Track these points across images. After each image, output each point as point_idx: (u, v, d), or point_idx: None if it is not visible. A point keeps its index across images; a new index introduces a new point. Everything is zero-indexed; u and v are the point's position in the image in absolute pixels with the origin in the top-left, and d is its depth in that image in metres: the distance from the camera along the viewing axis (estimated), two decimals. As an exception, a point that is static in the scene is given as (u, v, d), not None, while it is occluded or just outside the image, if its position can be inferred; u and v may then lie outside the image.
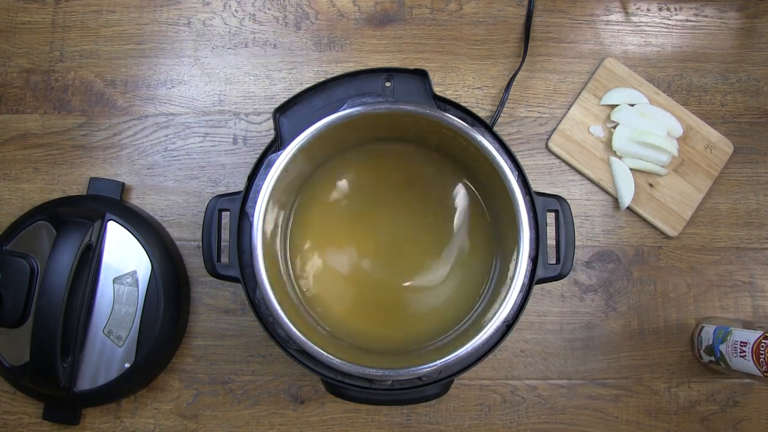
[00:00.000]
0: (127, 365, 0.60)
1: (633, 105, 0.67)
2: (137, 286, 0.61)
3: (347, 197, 0.59)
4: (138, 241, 0.61)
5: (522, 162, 0.53)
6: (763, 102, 0.69)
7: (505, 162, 0.51)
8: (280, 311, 0.49)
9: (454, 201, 0.59)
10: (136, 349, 0.60)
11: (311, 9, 0.70)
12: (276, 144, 0.53)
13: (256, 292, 0.51)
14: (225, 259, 0.52)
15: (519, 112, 0.68)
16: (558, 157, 0.68)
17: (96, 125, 0.68)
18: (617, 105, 0.67)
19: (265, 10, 0.69)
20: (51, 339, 0.56)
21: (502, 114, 0.68)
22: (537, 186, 0.65)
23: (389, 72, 0.54)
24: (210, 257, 0.52)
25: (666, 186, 0.67)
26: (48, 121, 0.68)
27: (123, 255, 0.61)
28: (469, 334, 0.51)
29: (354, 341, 0.55)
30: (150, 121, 0.68)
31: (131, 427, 0.64)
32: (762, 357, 0.56)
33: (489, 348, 0.52)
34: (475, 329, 0.51)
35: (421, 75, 0.54)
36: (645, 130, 0.66)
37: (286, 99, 0.53)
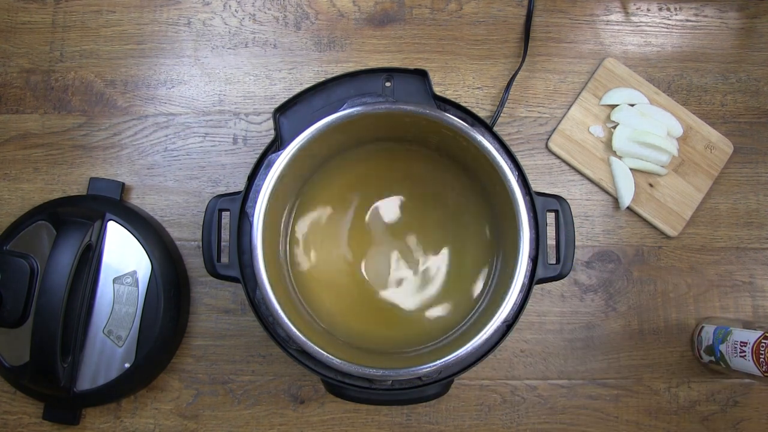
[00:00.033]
0: (127, 365, 0.60)
1: (633, 105, 0.67)
2: (137, 286, 0.61)
3: (347, 198, 0.59)
4: (138, 241, 0.61)
5: (522, 162, 0.53)
6: (763, 102, 0.69)
7: (505, 162, 0.51)
8: (280, 311, 0.49)
9: (453, 201, 0.59)
10: (136, 349, 0.60)
11: (311, 9, 0.70)
12: (276, 144, 0.53)
13: (256, 292, 0.51)
14: (225, 259, 0.52)
15: (519, 112, 0.68)
16: (558, 157, 0.68)
17: (96, 125, 0.68)
18: (617, 105, 0.67)
19: (265, 10, 0.69)
20: (51, 339, 0.56)
21: (502, 114, 0.68)
22: (537, 186, 0.65)
23: (389, 72, 0.54)
24: (210, 257, 0.52)
25: (666, 186, 0.67)
26: (48, 121, 0.68)
27: (123, 255, 0.61)
28: (469, 334, 0.51)
29: (354, 341, 0.55)
30: (150, 121, 0.68)
31: (131, 427, 0.64)
32: (762, 357, 0.56)
33: (489, 348, 0.52)
34: (475, 329, 0.51)
35: (421, 75, 0.54)
36: (645, 130, 0.66)
37: (286, 99, 0.53)
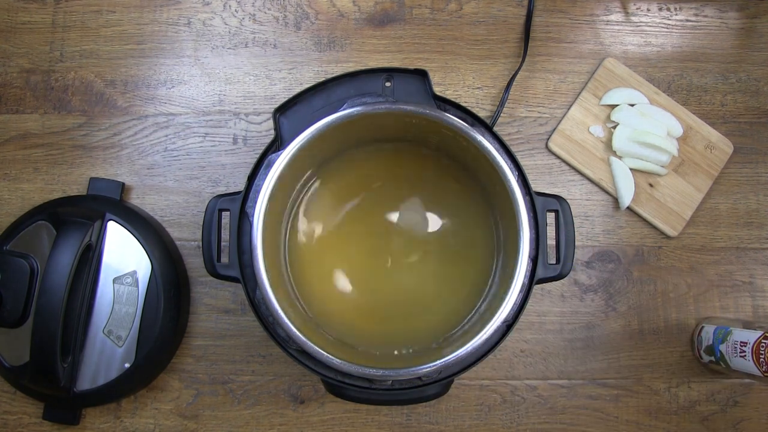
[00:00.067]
0: (127, 365, 0.60)
1: (633, 105, 0.67)
2: (137, 286, 0.61)
3: (347, 197, 0.59)
4: (138, 241, 0.61)
5: (522, 162, 0.53)
6: (763, 102, 0.69)
7: (505, 162, 0.51)
8: (280, 311, 0.49)
9: (453, 201, 0.59)
10: (136, 349, 0.60)
11: (311, 9, 0.70)
12: (276, 144, 0.53)
13: (256, 292, 0.51)
14: (225, 259, 0.52)
15: (519, 112, 0.68)
16: (558, 157, 0.68)
17: (96, 125, 0.68)
18: (617, 105, 0.67)
19: (265, 10, 0.69)
20: (51, 339, 0.56)
21: (502, 114, 0.68)
22: (537, 186, 0.65)
23: (389, 72, 0.54)
24: (210, 257, 0.52)
25: (666, 186, 0.67)
26: (48, 121, 0.68)
27: (123, 255, 0.61)
28: (469, 334, 0.51)
29: (354, 341, 0.55)
30: (150, 121, 0.68)
31: (131, 427, 0.64)
32: (762, 357, 0.56)
33: (489, 348, 0.52)
34: (475, 329, 0.51)
35: (421, 75, 0.54)
36: (645, 130, 0.66)
37: (286, 99, 0.53)
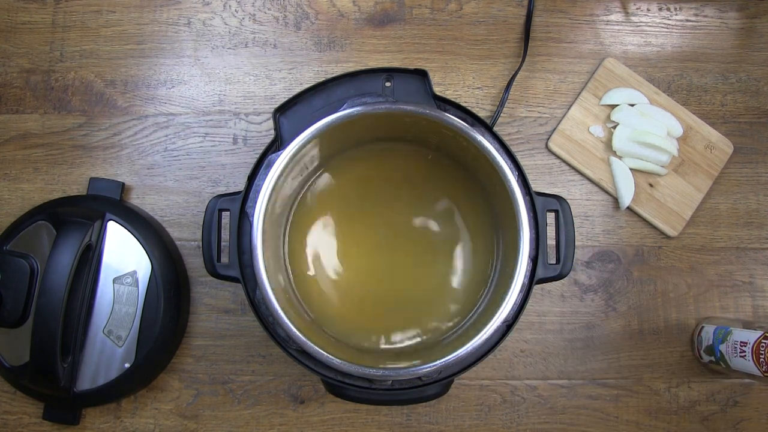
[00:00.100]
0: (127, 365, 0.60)
1: (633, 105, 0.67)
2: (137, 286, 0.61)
3: (347, 197, 0.59)
4: (138, 241, 0.61)
5: (522, 162, 0.53)
6: (763, 102, 0.69)
7: (505, 162, 0.51)
8: (280, 311, 0.49)
9: (453, 201, 0.59)
10: (136, 349, 0.60)
11: (311, 9, 0.70)
12: (276, 144, 0.53)
13: (256, 292, 0.51)
14: (225, 259, 0.52)
15: (519, 112, 0.68)
16: (558, 157, 0.68)
17: (96, 125, 0.68)
18: (617, 105, 0.67)
19: (265, 10, 0.69)
20: (51, 339, 0.56)
21: (502, 114, 0.68)
22: (537, 186, 0.65)
23: (389, 72, 0.54)
24: (210, 257, 0.52)
25: (666, 186, 0.67)
26: (48, 121, 0.68)
27: (123, 255, 0.61)
28: (469, 334, 0.51)
29: (354, 341, 0.55)
30: (150, 121, 0.68)
31: (131, 427, 0.64)
32: (762, 357, 0.56)
33: (489, 348, 0.52)
34: (475, 329, 0.51)
35: (421, 75, 0.54)
36: (645, 130, 0.66)
37: (286, 99, 0.53)
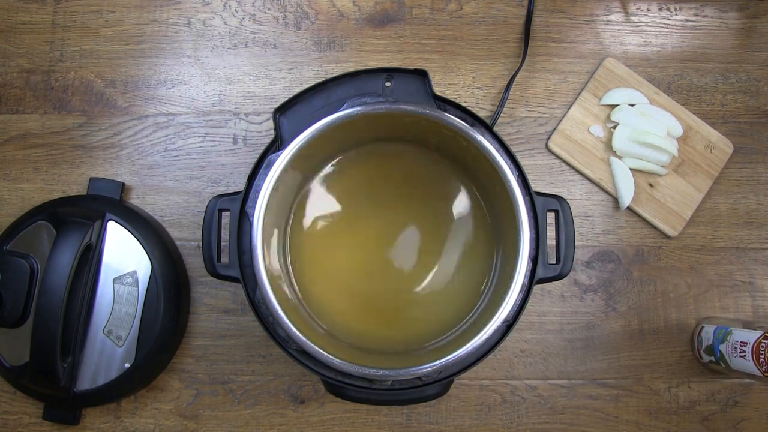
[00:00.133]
0: (127, 365, 0.60)
1: (633, 105, 0.67)
2: (137, 286, 0.61)
3: (347, 197, 0.59)
4: (138, 241, 0.61)
5: (522, 162, 0.53)
6: (763, 102, 0.69)
7: (505, 162, 0.51)
8: (280, 311, 0.49)
9: (454, 201, 0.59)
10: (136, 349, 0.60)
11: (311, 9, 0.70)
12: (276, 144, 0.53)
13: (256, 292, 0.51)
14: (225, 259, 0.52)
15: (519, 112, 0.68)
16: (558, 157, 0.68)
17: (96, 125, 0.68)
18: (617, 105, 0.67)
19: (265, 10, 0.69)
20: (51, 339, 0.56)
21: (502, 114, 0.68)
22: (537, 186, 0.65)
23: (389, 72, 0.54)
24: (210, 257, 0.52)
25: (666, 186, 0.67)
26: (48, 121, 0.68)
27: (123, 255, 0.61)
28: (469, 334, 0.51)
29: (354, 341, 0.55)
30: (150, 121, 0.68)
31: (131, 427, 0.64)
32: (762, 357, 0.56)
33: (489, 348, 0.52)
34: (475, 329, 0.51)
35: (421, 75, 0.54)
36: (645, 130, 0.66)
37: (286, 99, 0.53)
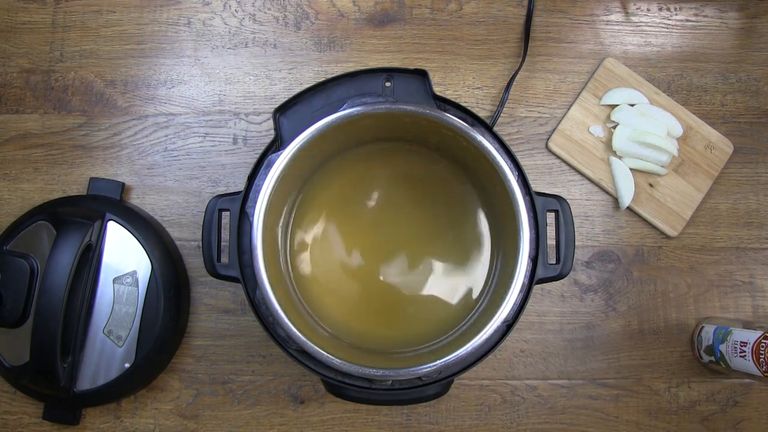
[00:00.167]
0: (127, 365, 0.60)
1: (633, 105, 0.67)
2: (137, 286, 0.61)
3: (347, 197, 0.59)
4: (138, 241, 0.61)
5: (522, 162, 0.53)
6: (763, 102, 0.69)
7: (505, 162, 0.51)
8: (280, 311, 0.49)
9: (454, 201, 0.59)
10: (136, 349, 0.60)
11: (311, 9, 0.70)
12: (276, 144, 0.53)
13: (256, 292, 0.51)
14: (225, 259, 0.52)
15: (519, 112, 0.68)
16: (558, 157, 0.68)
17: (96, 125, 0.68)
18: (617, 105, 0.67)
19: (265, 10, 0.69)
20: (51, 339, 0.56)
21: (502, 114, 0.68)
22: (537, 186, 0.65)
23: (389, 72, 0.54)
24: (210, 257, 0.52)
25: (666, 186, 0.67)
26: (48, 121, 0.68)
27: (123, 255, 0.61)
28: (469, 334, 0.51)
29: (354, 341, 0.55)
30: (150, 121, 0.68)
31: (131, 427, 0.64)
32: (762, 357, 0.56)
33: (489, 348, 0.52)
34: (475, 329, 0.51)
35: (421, 75, 0.54)
36: (645, 130, 0.66)
37: (286, 99, 0.53)
